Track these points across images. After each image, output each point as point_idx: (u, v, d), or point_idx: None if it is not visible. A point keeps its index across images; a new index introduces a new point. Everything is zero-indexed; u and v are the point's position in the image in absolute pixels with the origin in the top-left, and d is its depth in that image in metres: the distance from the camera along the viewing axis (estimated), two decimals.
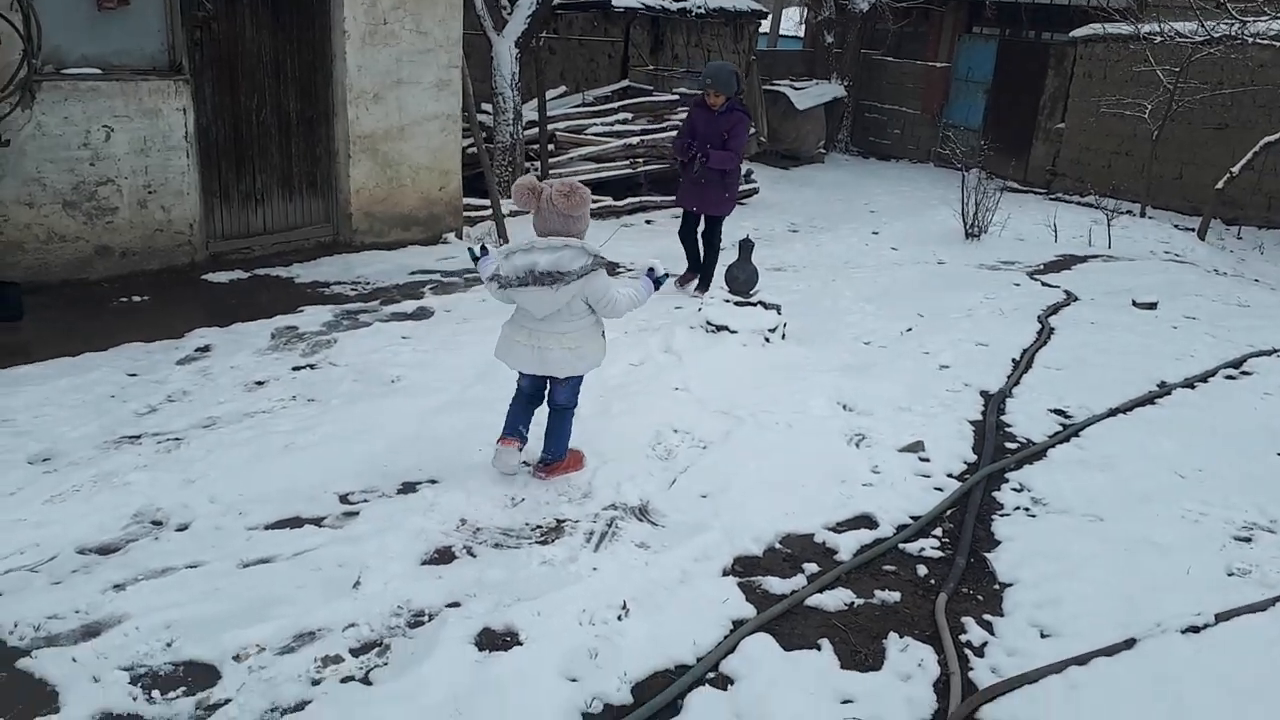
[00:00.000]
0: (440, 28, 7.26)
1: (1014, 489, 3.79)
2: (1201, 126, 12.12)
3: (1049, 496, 3.70)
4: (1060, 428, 4.44)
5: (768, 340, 5.43)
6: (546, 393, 3.73)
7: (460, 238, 7.84)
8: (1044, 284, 7.87)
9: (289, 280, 6.49)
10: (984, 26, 17.34)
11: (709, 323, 5.48)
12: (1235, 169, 10.38)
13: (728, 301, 5.65)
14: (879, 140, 18.45)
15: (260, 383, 4.72)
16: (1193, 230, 10.87)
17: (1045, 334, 5.95)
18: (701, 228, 6.91)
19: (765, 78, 15.81)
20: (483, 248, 3.64)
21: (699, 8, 15.10)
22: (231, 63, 6.45)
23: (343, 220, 7.25)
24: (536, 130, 10.68)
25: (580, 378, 3.69)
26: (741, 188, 12.62)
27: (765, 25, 27.30)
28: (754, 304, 5.66)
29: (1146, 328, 6.26)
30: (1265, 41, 9.37)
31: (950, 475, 3.89)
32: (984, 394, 4.84)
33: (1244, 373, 5.34)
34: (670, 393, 4.66)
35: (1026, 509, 3.62)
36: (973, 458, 4.07)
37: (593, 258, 3.39)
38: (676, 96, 13.44)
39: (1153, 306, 6.89)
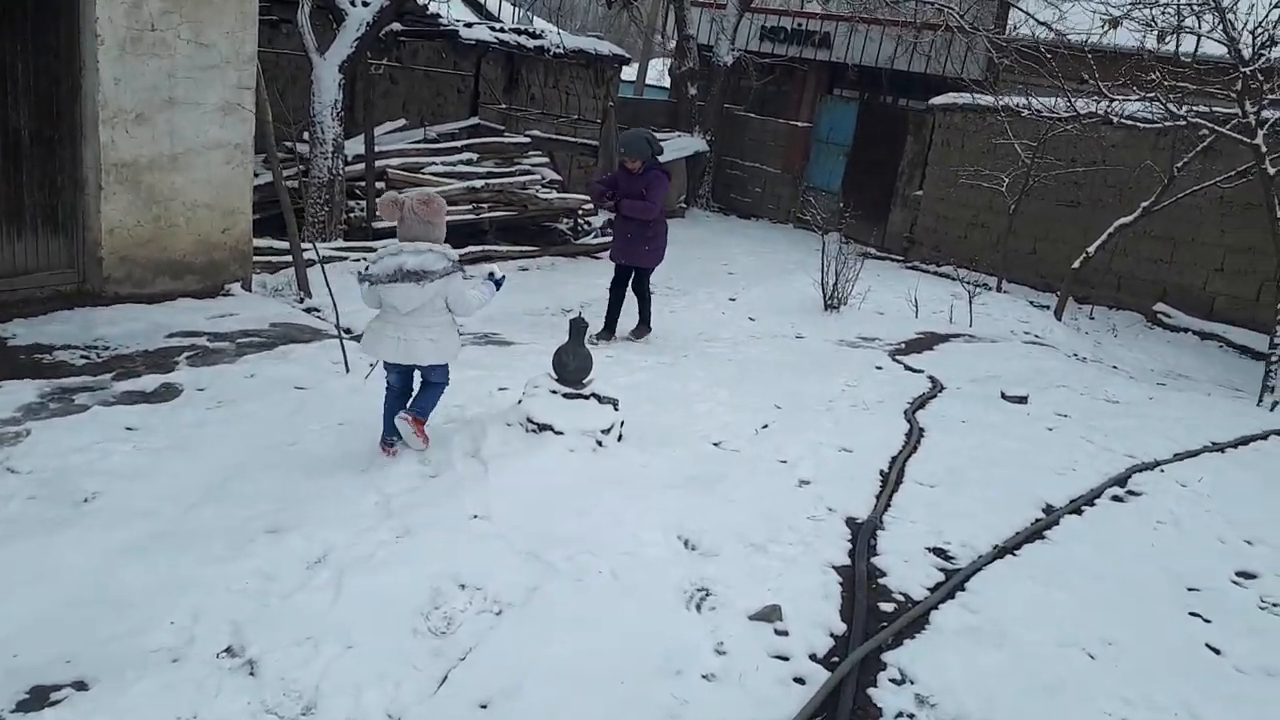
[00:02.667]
0: (227, 40, 6.04)
1: (894, 680, 2.92)
2: (1055, 203, 12.10)
3: (938, 693, 2.85)
4: (942, 575, 3.64)
5: (600, 444, 4.46)
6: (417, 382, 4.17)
7: (248, 289, 6.58)
8: (907, 367, 7.28)
9: (0, 342, 5.10)
10: (845, 89, 17.30)
11: (530, 420, 4.47)
12: (1091, 249, 10.25)
13: (554, 393, 4.67)
14: (740, 198, 18.07)
15: None
16: (1049, 308, 10.69)
17: (915, 437, 5.25)
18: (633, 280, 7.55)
19: (624, 126, 15.11)
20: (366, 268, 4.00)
21: (557, 47, 14.28)
22: None
23: (91, 265, 5.87)
24: (364, 166, 9.51)
25: (446, 365, 4.15)
26: (598, 240, 11.85)
27: (632, 74, 26.95)
28: (586, 396, 4.69)
29: (1021, 429, 5.66)
30: (1127, 121, 9.24)
31: (814, 658, 2.98)
32: (850, 523, 4.02)
33: (1130, 493, 4.75)
34: (465, 523, 3.61)
35: (910, 716, 2.75)
36: (841, 627, 3.19)
37: (452, 262, 3.92)
38: (528, 139, 12.54)
39: (1023, 400, 6.35)
